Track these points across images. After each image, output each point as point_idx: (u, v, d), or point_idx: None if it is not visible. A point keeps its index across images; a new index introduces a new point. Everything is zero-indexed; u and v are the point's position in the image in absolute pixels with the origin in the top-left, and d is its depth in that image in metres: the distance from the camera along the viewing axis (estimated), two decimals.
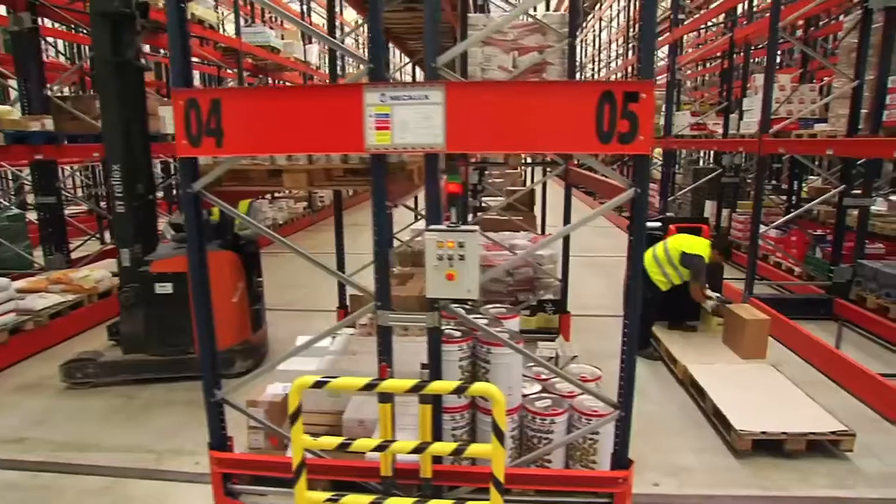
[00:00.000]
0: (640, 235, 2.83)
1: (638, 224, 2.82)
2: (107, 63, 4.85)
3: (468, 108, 2.72)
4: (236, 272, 5.04)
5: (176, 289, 4.84)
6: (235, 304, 4.98)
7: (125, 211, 5.00)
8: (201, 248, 3.14)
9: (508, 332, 3.42)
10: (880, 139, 5.03)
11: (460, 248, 2.74)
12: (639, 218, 2.81)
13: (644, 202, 2.79)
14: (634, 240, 2.85)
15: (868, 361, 5.17)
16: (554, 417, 3.30)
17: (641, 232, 2.83)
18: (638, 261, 2.88)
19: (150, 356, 5.04)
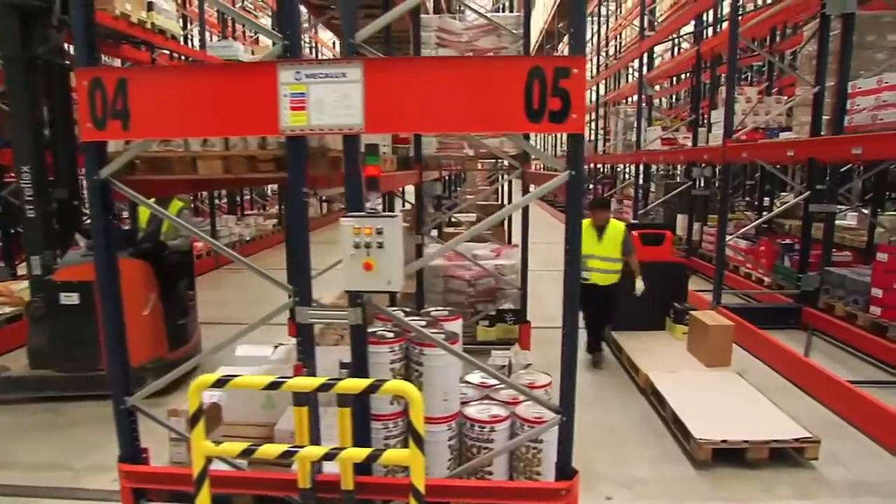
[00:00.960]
0: (575, 220, 2.64)
1: (573, 208, 2.63)
2: (14, 59, 4.54)
3: (389, 86, 2.54)
4: (146, 283, 4.65)
5: (83, 299, 4.45)
6: (147, 317, 4.59)
7: (35, 216, 4.65)
8: (109, 250, 2.88)
9: (445, 333, 3.19)
10: (839, 138, 4.95)
11: (378, 236, 2.52)
12: (574, 202, 2.62)
13: (579, 185, 2.61)
14: (570, 225, 2.66)
15: (836, 369, 5.00)
16: (494, 425, 3.05)
17: (577, 217, 2.64)
18: (575, 248, 2.69)
19: (56, 372, 4.64)
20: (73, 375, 4.60)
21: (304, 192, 2.73)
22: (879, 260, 5.44)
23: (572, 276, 2.72)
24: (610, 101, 13.92)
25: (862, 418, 4.18)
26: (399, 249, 2.58)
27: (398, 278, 2.59)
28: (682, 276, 5.72)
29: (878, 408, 4.02)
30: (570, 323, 2.74)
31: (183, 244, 4.87)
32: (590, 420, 4.33)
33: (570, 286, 2.72)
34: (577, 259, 2.70)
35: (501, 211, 2.81)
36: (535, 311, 5.86)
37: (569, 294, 2.71)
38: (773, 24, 8.37)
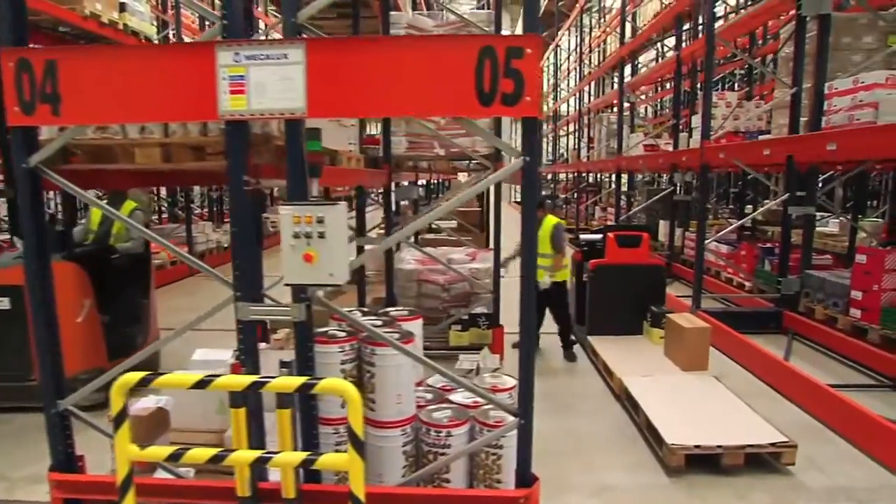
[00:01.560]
0: (530, 210, 2.50)
1: (528, 195, 2.49)
2: None
3: (333, 67, 2.40)
4: (80, 288, 4.33)
5: (14, 304, 4.16)
6: (81, 325, 4.27)
7: None
8: (41, 250, 2.71)
9: (400, 332, 3.02)
10: (813, 135, 4.88)
11: (320, 225, 2.37)
12: (529, 188, 2.49)
13: (533, 171, 2.47)
14: (525, 215, 2.51)
15: (816, 372, 4.87)
16: (451, 430, 2.88)
17: (532, 206, 2.50)
18: (530, 241, 2.54)
19: None
20: (4, 385, 4.31)
21: (246, 181, 2.58)
22: (858, 262, 5.34)
23: (529, 270, 2.57)
24: (594, 109, 13.89)
25: (841, 422, 4.04)
26: (343, 240, 2.43)
27: (342, 271, 2.43)
28: (660, 278, 5.59)
29: (857, 411, 3.89)
30: (526, 323, 2.59)
31: (134, 247, 4.52)
32: (562, 426, 4.18)
33: (527, 282, 2.57)
34: (532, 252, 2.56)
35: (448, 203, 2.65)
36: (510, 316, 5.69)
37: (526, 292, 2.57)
38: (752, 28, 8.34)
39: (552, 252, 5.48)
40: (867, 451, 3.74)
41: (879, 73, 5.13)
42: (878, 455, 3.66)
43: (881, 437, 3.65)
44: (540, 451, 3.83)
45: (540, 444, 3.93)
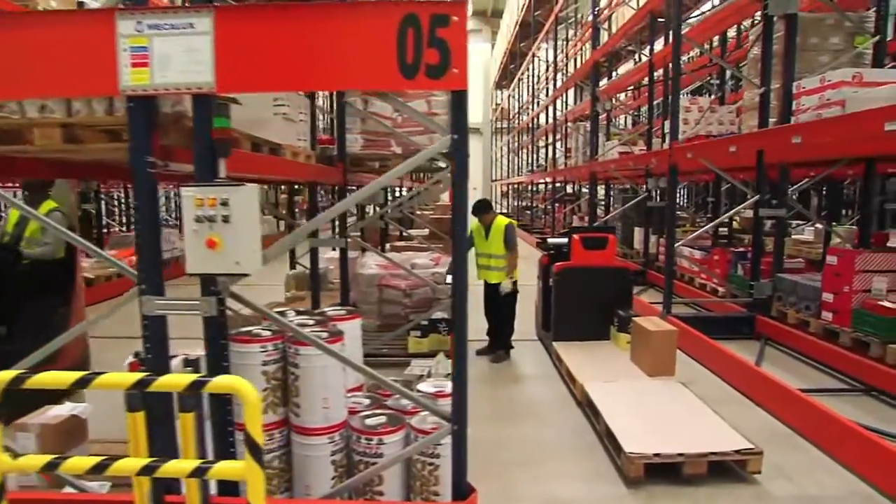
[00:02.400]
0: (462, 195, 2.29)
1: (460, 179, 2.28)
2: None
3: (243, 38, 2.20)
4: None
5: None
6: None
7: None
8: None
9: (330, 331, 2.79)
10: (778, 128, 4.76)
11: (224, 208, 2.14)
12: (461, 171, 2.28)
13: (463, 150, 2.26)
14: (457, 204, 2.30)
15: (788, 377, 4.70)
16: (383, 437, 2.64)
17: (464, 191, 2.29)
18: (461, 231, 2.33)
19: None
20: None
21: (152, 163, 2.35)
22: (829, 263, 5.20)
23: (460, 263, 2.36)
24: (572, 118, 13.82)
25: (811, 428, 3.85)
26: (251, 225, 2.20)
27: (251, 259, 2.20)
28: (627, 281, 5.40)
29: (828, 417, 3.69)
30: (459, 323, 2.37)
31: (46, 253, 4.03)
32: (517, 434, 3.94)
33: (459, 278, 2.35)
34: (463, 243, 2.35)
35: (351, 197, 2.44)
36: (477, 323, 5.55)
37: (458, 290, 2.35)
38: (722, 30, 8.30)
39: (505, 252, 5.34)
40: (838, 458, 3.54)
41: (845, 70, 5.02)
42: (848, 462, 3.47)
43: (852, 443, 3.45)
44: (490, 460, 3.61)
45: (491, 452, 3.72)
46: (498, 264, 5.40)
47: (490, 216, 5.44)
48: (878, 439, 3.30)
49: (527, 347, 5.97)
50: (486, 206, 5.53)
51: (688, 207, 16.12)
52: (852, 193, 13.16)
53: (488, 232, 5.43)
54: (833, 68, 5.66)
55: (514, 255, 5.36)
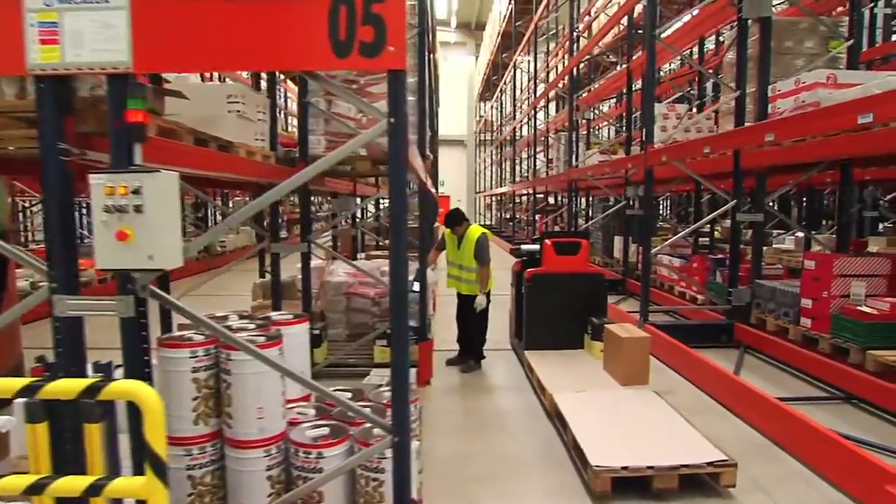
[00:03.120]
0: (399, 180, 2.10)
1: (396, 166, 2.10)
2: None
3: (162, 14, 2.01)
4: None
5: None
6: None
7: None
8: None
9: (267, 335, 2.58)
10: (752, 127, 4.64)
11: (136, 196, 1.94)
12: (396, 158, 2.10)
13: (401, 135, 2.08)
14: (394, 195, 2.12)
15: (766, 386, 4.54)
16: (322, 450, 2.42)
17: (402, 174, 2.11)
18: (399, 221, 2.14)
19: None
20: None
21: (64, 150, 2.14)
22: (807, 268, 5.07)
23: (397, 267, 2.16)
24: (553, 128, 13.76)
25: (789, 438, 3.68)
26: (169, 216, 1.99)
27: (167, 254, 1.99)
28: (601, 287, 5.23)
29: (805, 426, 3.52)
30: (397, 328, 2.17)
31: None
32: (482, 447, 3.73)
33: (397, 279, 2.16)
34: (400, 241, 2.14)
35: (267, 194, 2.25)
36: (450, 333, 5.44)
37: (395, 295, 2.15)
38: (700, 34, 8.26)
39: (477, 266, 5.16)
40: (817, 470, 3.37)
41: (820, 71, 4.94)
42: (827, 474, 3.29)
43: (830, 453, 3.28)
44: (452, 474, 3.39)
45: (454, 466, 3.50)
46: (469, 277, 5.24)
47: (463, 227, 5.27)
48: (858, 449, 3.14)
49: (500, 357, 5.77)
50: (458, 216, 5.37)
51: (670, 218, 16.09)
52: (832, 203, 13.19)
53: (461, 242, 5.26)
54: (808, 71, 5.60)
55: (485, 269, 5.15)
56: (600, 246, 10.76)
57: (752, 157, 5.56)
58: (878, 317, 4.50)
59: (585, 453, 3.19)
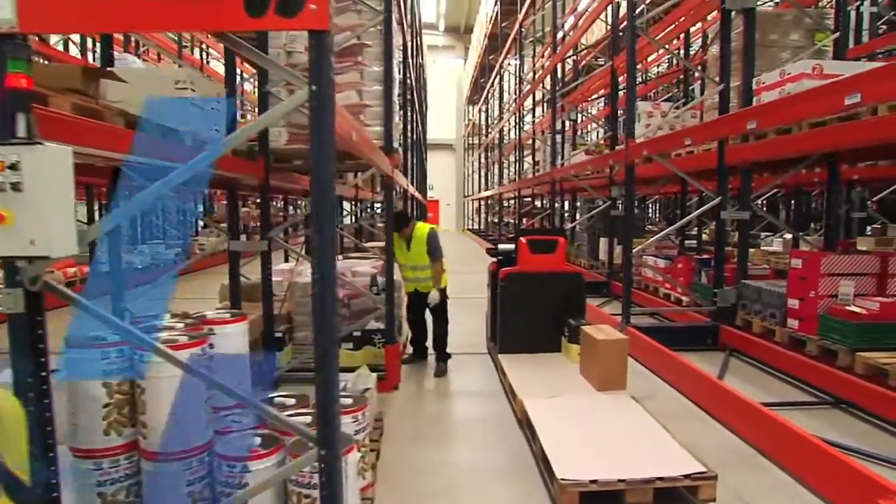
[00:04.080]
0: (323, 160, 1.85)
1: (319, 140, 1.84)
2: None
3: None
4: None
5: None
6: None
7: None
8: None
9: (193, 336, 2.31)
10: (733, 115, 4.44)
11: (13, 173, 1.67)
12: (320, 131, 1.84)
13: (325, 106, 1.83)
14: (317, 174, 1.86)
15: (752, 391, 4.32)
16: (248, 463, 2.16)
17: (326, 153, 1.85)
18: (325, 207, 1.88)
19: None
20: None
21: None
22: (794, 267, 4.85)
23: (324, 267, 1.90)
24: (539, 129, 13.58)
25: (774, 446, 3.44)
26: (58, 196, 1.74)
27: (55, 238, 1.73)
28: (578, 287, 4.98)
29: (790, 432, 3.28)
30: (323, 330, 1.91)
31: None
32: (445, 458, 3.48)
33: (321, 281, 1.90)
34: (325, 238, 1.88)
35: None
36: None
37: (320, 295, 1.89)
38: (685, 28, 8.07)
39: (430, 262, 5.00)
40: (802, 480, 3.13)
41: (805, 62, 4.75)
42: (814, 484, 3.05)
43: (817, 462, 3.04)
44: (408, 489, 3.10)
45: (411, 480, 3.21)
46: (426, 275, 5.07)
47: (410, 227, 5.08)
48: (848, 459, 2.90)
49: (476, 361, 5.52)
50: (402, 218, 5.18)
51: (659, 221, 15.94)
52: (819, 206, 13.07)
53: (409, 243, 5.09)
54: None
55: (439, 264, 5.00)
56: (586, 248, 10.54)
57: (736, 152, 5.36)
58: (867, 317, 4.28)
59: (552, 465, 2.94)
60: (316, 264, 1.88)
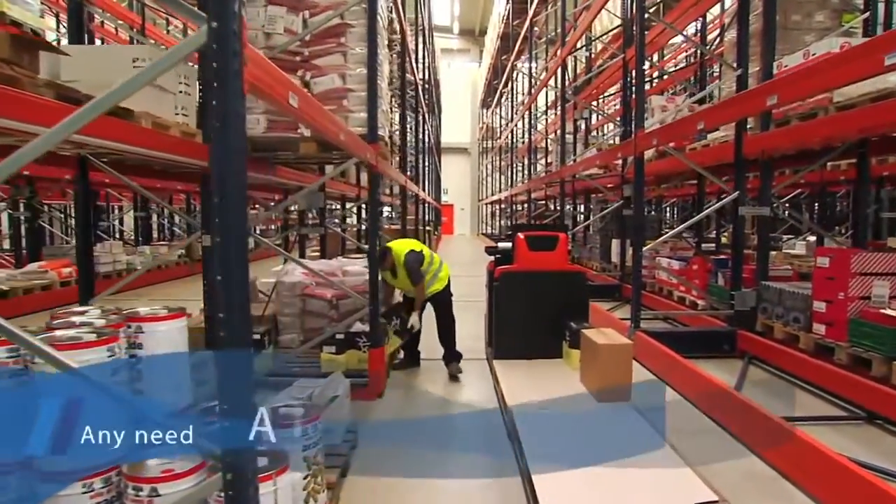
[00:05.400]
0: (228, 118, 1.50)
1: (223, 91, 1.49)
2: None
3: None
4: None
5: None
6: None
7: None
8: None
9: (102, 333, 1.97)
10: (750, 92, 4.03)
11: None
12: (224, 79, 1.49)
13: (229, 48, 1.48)
14: (218, 133, 1.51)
15: (773, 404, 3.87)
16: (158, 485, 1.81)
17: (233, 111, 1.50)
18: (231, 192, 1.53)
19: None
20: None
21: None
22: (820, 266, 4.40)
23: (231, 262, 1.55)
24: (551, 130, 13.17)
25: (797, 468, 3.00)
26: None
27: None
28: (581, 288, 4.57)
29: (816, 452, 2.85)
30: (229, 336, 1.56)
31: None
32: (420, 481, 3.09)
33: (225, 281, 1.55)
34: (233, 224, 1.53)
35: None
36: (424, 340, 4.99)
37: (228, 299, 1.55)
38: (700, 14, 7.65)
39: (412, 287, 4.72)
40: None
41: (832, 40, 4.34)
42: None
43: (848, 486, 2.61)
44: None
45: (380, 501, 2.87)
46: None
47: (388, 259, 4.74)
48: (882, 483, 2.47)
49: (473, 367, 5.12)
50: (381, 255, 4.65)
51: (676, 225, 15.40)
52: (845, 207, 12.47)
53: (395, 271, 4.80)
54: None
55: (419, 287, 4.68)
56: (598, 250, 10.09)
57: (755, 142, 4.92)
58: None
59: (536, 492, 2.55)
60: (221, 260, 1.53)
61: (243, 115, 1.53)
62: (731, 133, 5.49)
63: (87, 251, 4.30)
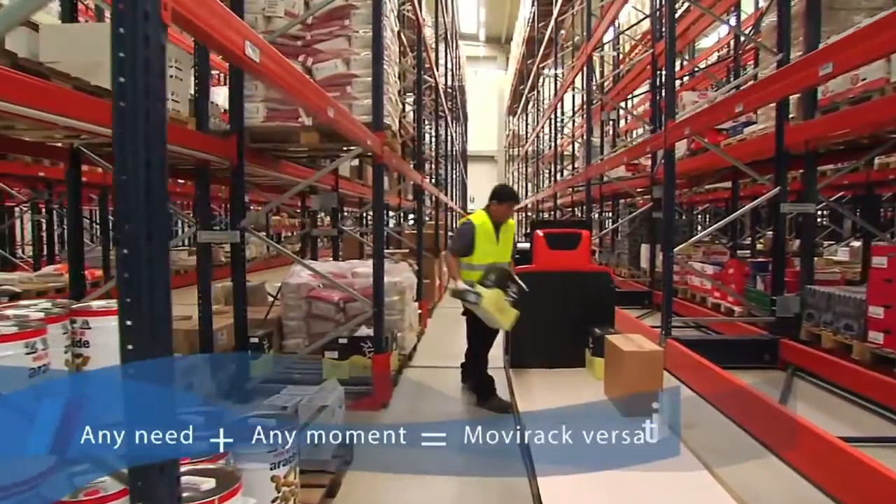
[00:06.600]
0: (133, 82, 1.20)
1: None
2: None
3: None
4: None
5: None
6: None
7: None
8: None
9: (25, 325, 1.69)
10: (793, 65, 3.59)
11: None
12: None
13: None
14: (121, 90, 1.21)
15: (825, 421, 3.43)
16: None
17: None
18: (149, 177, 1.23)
19: None
20: None
21: None
22: (877, 266, 3.93)
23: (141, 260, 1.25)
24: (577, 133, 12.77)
25: (854, 493, 2.58)
26: None
27: None
28: (606, 290, 4.18)
29: (877, 475, 2.43)
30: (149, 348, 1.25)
31: None
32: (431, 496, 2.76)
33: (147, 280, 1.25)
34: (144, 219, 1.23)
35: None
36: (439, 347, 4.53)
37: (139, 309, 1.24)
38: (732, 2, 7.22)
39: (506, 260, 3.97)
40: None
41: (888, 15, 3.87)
42: None
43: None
44: None
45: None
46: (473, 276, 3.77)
47: (510, 212, 3.90)
48: None
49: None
50: (513, 196, 3.95)
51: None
52: (892, 211, 11.75)
53: (499, 232, 3.84)
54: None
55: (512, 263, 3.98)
56: (626, 256, 9.64)
57: (798, 131, 4.47)
58: None
59: None
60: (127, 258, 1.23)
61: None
62: (770, 126, 5.06)
63: (78, 249, 4.08)
